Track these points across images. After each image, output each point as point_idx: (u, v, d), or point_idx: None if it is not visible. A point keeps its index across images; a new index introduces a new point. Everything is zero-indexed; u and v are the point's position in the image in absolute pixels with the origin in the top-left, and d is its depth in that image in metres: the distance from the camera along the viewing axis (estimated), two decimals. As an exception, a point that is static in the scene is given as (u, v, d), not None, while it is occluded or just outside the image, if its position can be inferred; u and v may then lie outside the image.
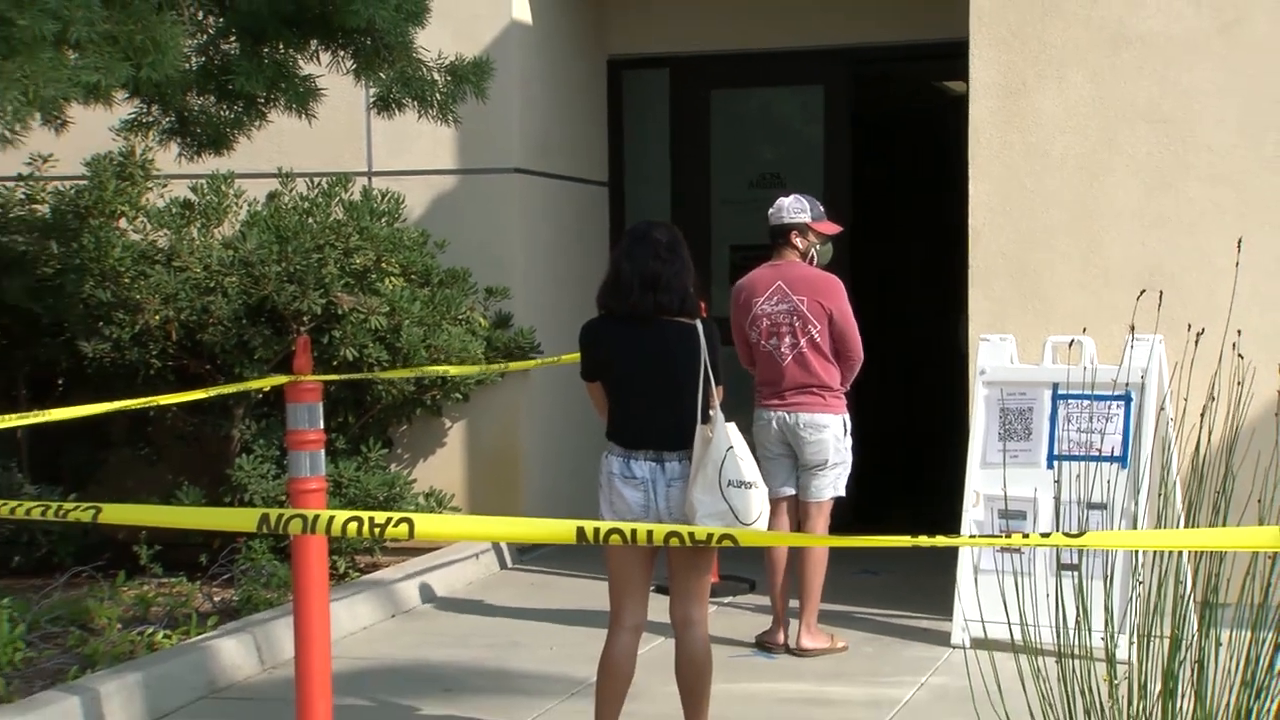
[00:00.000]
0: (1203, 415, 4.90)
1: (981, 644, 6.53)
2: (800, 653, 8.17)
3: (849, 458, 8.29)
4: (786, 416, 8.13)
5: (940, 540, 4.18)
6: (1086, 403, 7.92)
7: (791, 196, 8.35)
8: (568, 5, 11.45)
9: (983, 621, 7.26)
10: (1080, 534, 4.09)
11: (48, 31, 5.78)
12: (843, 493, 8.29)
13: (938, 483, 10.09)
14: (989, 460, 8.22)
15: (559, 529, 4.55)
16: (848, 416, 8.28)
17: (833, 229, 8.42)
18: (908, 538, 3.90)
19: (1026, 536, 4.07)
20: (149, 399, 7.90)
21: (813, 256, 8.31)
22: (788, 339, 8.12)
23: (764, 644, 8.26)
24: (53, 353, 10.27)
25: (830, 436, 8.16)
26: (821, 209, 8.38)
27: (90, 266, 9.80)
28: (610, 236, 11.76)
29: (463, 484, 10.87)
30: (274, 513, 4.84)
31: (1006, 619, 5.24)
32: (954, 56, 9.61)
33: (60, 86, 5.86)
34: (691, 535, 5.14)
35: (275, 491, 9.26)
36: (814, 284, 8.20)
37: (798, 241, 8.27)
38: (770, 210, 8.34)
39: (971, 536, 4.26)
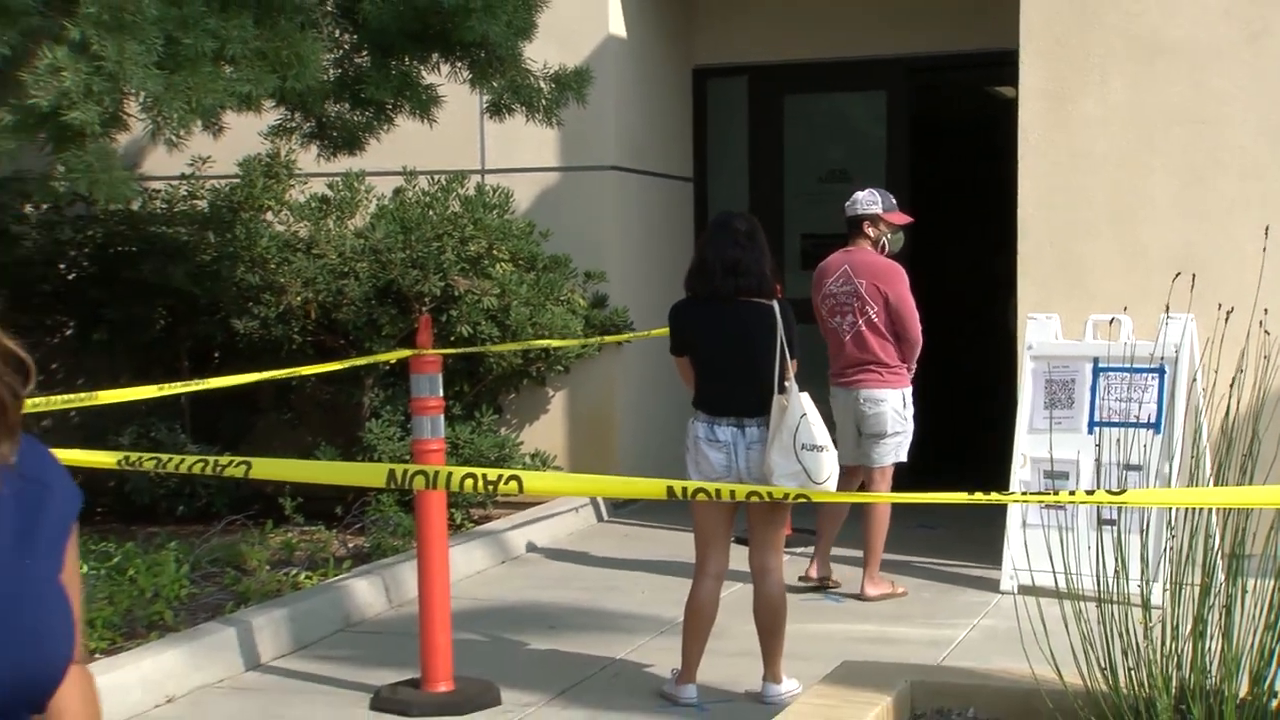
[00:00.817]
0: (1231, 386, 4.87)
1: (1028, 590, 6.50)
2: (864, 598, 8.18)
3: (909, 427, 8.24)
4: (847, 392, 8.13)
5: (995, 497, 4.17)
6: (1125, 375, 7.89)
7: (866, 190, 8.34)
8: (658, 21, 11.46)
9: (1031, 571, 7.23)
10: (1121, 492, 4.08)
11: (208, 49, 5.86)
12: (904, 459, 8.25)
13: (985, 448, 10.07)
14: (1035, 426, 8.19)
15: (651, 486, 4.59)
16: (909, 390, 8.22)
17: (902, 219, 8.41)
18: (964, 495, 3.90)
19: (1073, 494, 4.04)
20: (292, 370, 8.00)
21: (884, 245, 8.29)
22: (848, 318, 8.11)
23: (802, 578, 8.23)
24: (210, 330, 10.39)
25: (889, 409, 8.12)
26: (893, 201, 8.36)
27: (241, 254, 9.93)
28: (694, 226, 11.76)
29: (564, 446, 10.92)
30: (400, 469, 4.90)
31: (1051, 568, 5.23)
32: (1003, 64, 9.58)
33: (218, 96, 5.93)
34: (770, 493, 5.18)
35: (401, 451, 9.32)
36: (875, 269, 8.18)
37: (869, 230, 8.26)
38: (846, 203, 8.33)
39: (1023, 494, 4.24)
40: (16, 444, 1.87)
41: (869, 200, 8.26)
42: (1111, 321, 7.93)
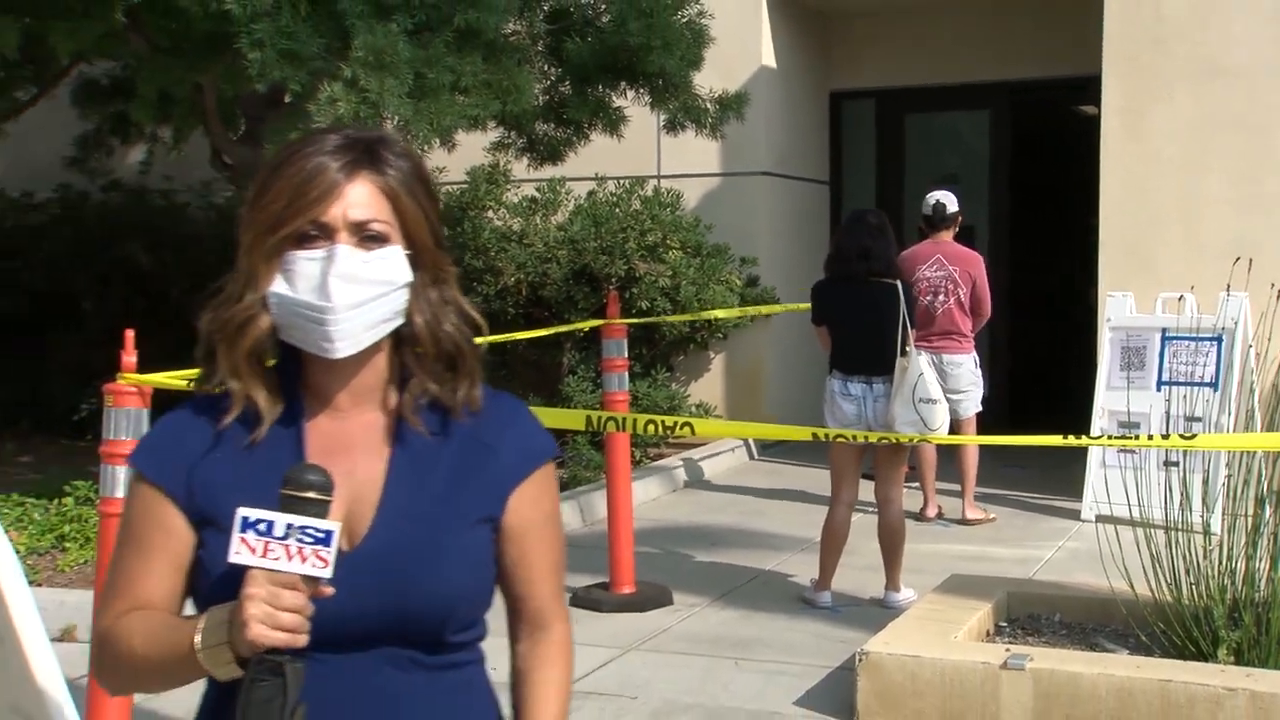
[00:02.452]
0: (1280, 353, 4.82)
1: (1105, 519, 6.48)
2: (965, 522, 8.15)
3: (980, 383, 8.24)
4: (933, 356, 8.10)
5: (1087, 441, 4.16)
6: (1188, 343, 7.76)
7: (945, 193, 8.27)
8: (802, 54, 11.42)
9: (1110, 503, 7.17)
10: (1192, 437, 4.06)
11: (446, 81, 5.98)
12: (980, 408, 8.23)
13: (1063, 403, 9.98)
14: (1112, 385, 8.10)
15: (799, 431, 4.63)
16: (976, 355, 8.25)
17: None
18: (1059, 438, 3.90)
19: (1151, 438, 4.02)
20: (508, 335, 8.12)
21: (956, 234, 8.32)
22: (940, 298, 8.07)
23: (918, 516, 8.18)
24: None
25: (966, 370, 8.13)
26: None
27: (468, 244, 10.09)
28: (829, 221, 11.72)
29: (722, 398, 10.97)
30: (596, 415, 5.00)
31: (1126, 501, 5.21)
32: (1086, 87, 9.45)
33: (454, 119, 6.05)
34: (895, 437, 5.20)
35: (592, 402, 9.38)
36: (965, 258, 8.16)
37: (955, 226, 8.25)
38: (932, 203, 8.24)
39: (1109, 438, 4.23)
40: (475, 388, 1.80)
41: (956, 202, 8.25)
42: (1180, 299, 7.84)
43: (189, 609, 1.74)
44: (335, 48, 6.00)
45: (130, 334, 4.24)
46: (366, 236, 1.72)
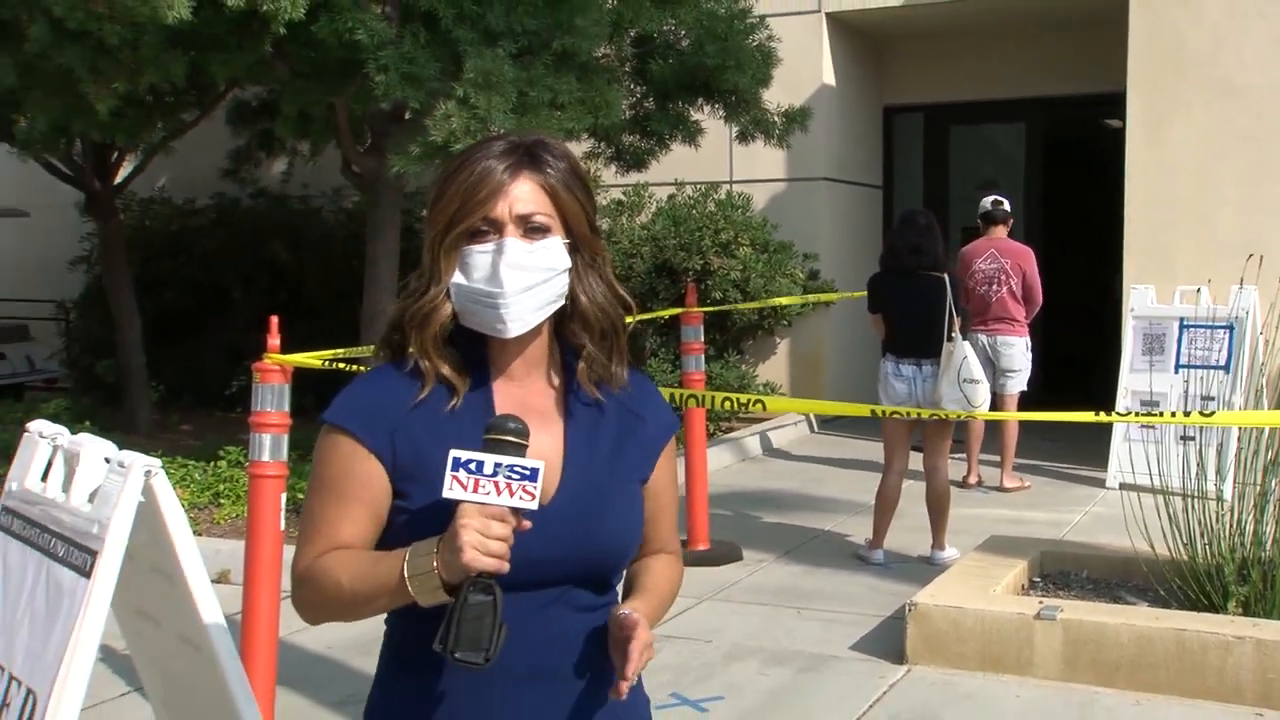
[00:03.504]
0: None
1: (1128, 487, 6.39)
2: (1002, 490, 8.08)
3: (1028, 366, 8.14)
4: (989, 339, 8.04)
5: (1115, 417, 4.11)
6: (1203, 330, 7.64)
7: (998, 197, 8.26)
8: (858, 73, 11.34)
9: (1133, 473, 7.07)
10: (1211, 414, 3.99)
11: (545, 99, 6.00)
12: (1025, 388, 8.15)
13: (1090, 384, 9.85)
14: (1135, 367, 7.99)
15: (859, 408, 4.61)
16: (1029, 339, 8.15)
17: None
18: (1091, 414, 3.86)
19: (1174, 414, 3.97)
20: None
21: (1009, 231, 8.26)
22: (993, 287, 8.02)
23: (961, 484, 8.09)
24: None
25: (1018, 352, 8.05)
26: None
27: (563, 242, 10.12)
28: (882, 221, 11.65)
29: (786, 378, 10.93)
30: (678, 393, 5.00)
31: (1147, 470, 5.15)
32: (1112, 103, 9.29)
33: (551, 132, 6.07)
34: (945, 414, 5.15)
35: (672, 382, 9.39)
36: (1017, 252, 8.10)
37: (1008, 224, 8.19)
38: (989, 203, 8.20)
39: (1135, 414, 4.17)
40: (625, 366, 1.82)
41: (1008, 203, 8.23)
42: (1197, 291, 7.73)
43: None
44: (449, 70, 6.04)
45: (275, 320, 4.31)
46: (531, 229, 1.74)
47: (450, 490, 1.57)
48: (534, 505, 1.58)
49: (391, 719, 1.77)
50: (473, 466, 1.58)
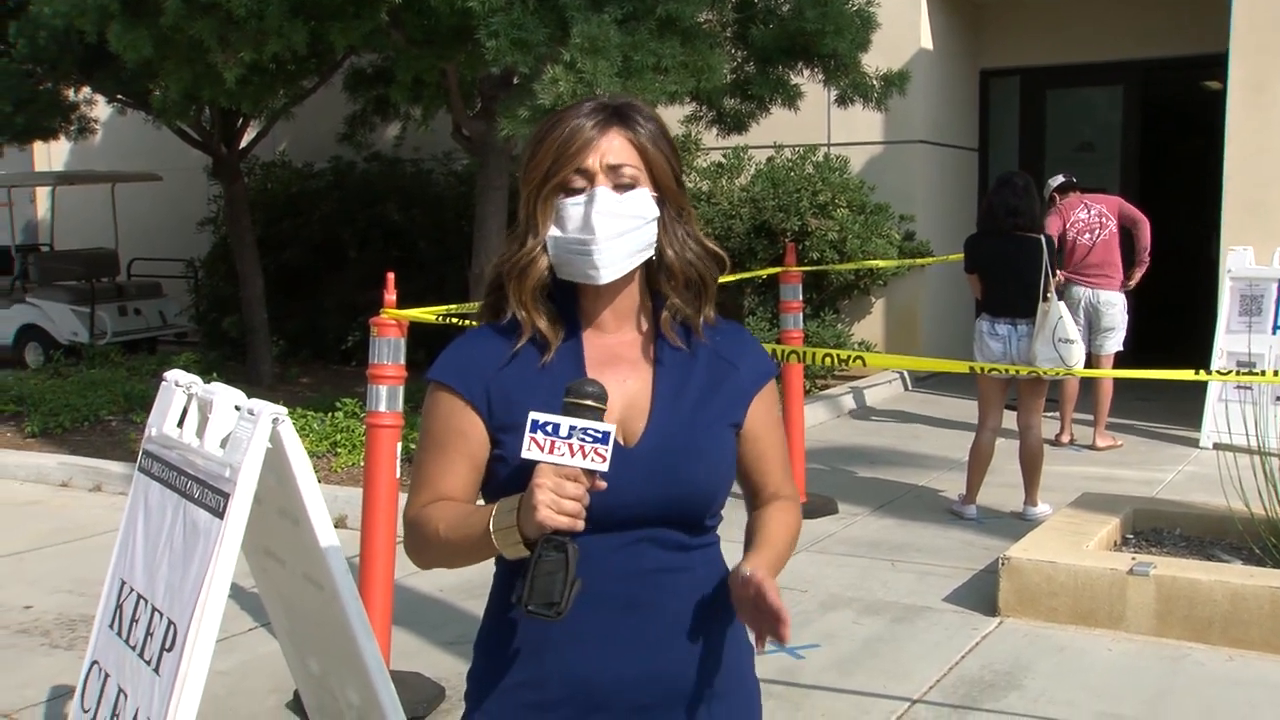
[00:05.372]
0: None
1: (1221, 446, 6.24)
2: (1094, 448, 7.92)
3: (1125, 323, 7.91)
4: (1090, 293, 7.84)
5: (1215, 376, 3.99)
6: (1303, 291, 7.41)
7: (1066, 174, 8.18)
8: (956, 37, 11.11)
9: (1229, 432, 6.89)
10: (1313, 373, 3.83)
11: (649, 63, 5.96)
12: (1121, 347, 7.94)
13: (1184, 344, 9.59)
14: (1232, 329, 7.77)
15: (958, 365, 4.54)
16: (1125, 299, 7.92)
17: None
18: (1191, 373, 3.75)
19: (1278, 374, 3.83)
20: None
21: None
22: (1094, 233, 7.86)
23: (1054, 442, 7.95)
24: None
25: (1118, 310, 7.84)
26: None
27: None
28: (978, 183, 11.44)
29: (881, 337, 10.83)
30: (780, 349, 4.93)
31: (1244, 430, 5.01)
32: (1211, 65, 8.98)
33: (655, 95, 6.03)
34: (1044, 371, 5.05)
35: (769, 339, 9.29)
36: (1105, 199, 8.04)
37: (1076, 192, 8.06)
38: (1059, 180, 8.08)
39: (1236, 373, 4.03)
40: (713, 309, 1.85)
41: (1073, 178, 8.15)
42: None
43: (480, 502, 1.80)
44: (557, 36, 6.03)
45: (391, 276, 4.36)
46: (620, 184, 1.77)
47: (528, 451, 1.61)
48: (604, 467, 1.60)
49: (500, 645, 1.82)
50: (549, 429, 1.60)
